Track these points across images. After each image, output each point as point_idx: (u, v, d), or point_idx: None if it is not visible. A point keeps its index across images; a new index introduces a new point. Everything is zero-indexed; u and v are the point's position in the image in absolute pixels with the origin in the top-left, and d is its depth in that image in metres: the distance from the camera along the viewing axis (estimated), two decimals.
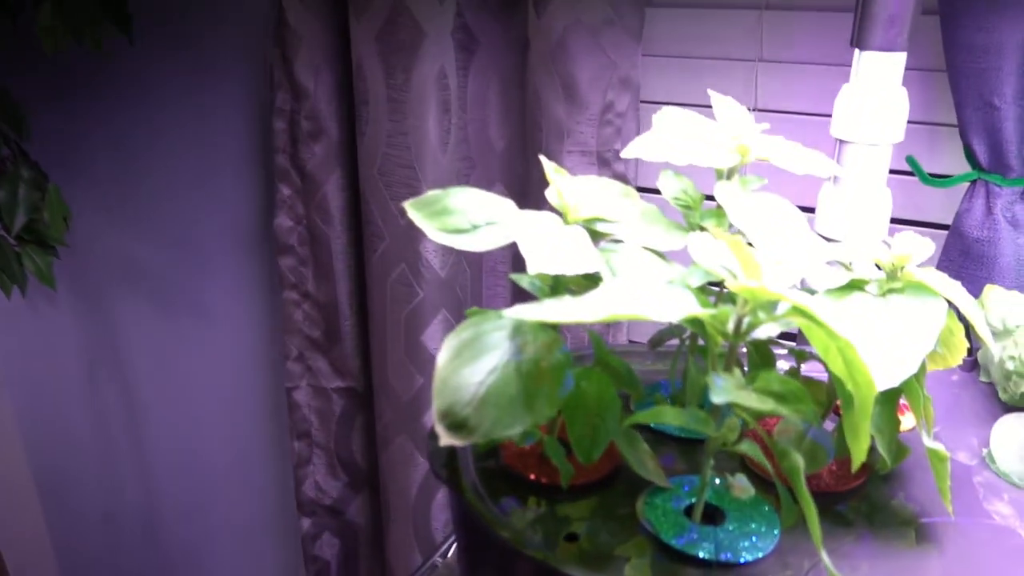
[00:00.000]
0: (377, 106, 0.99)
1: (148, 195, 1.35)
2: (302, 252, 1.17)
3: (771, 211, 0.44)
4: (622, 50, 0.90)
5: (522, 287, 0.44)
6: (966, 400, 0.56)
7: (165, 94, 1.26)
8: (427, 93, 0.95)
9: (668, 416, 0.39)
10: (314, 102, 1.06)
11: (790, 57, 0.89)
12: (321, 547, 1.37)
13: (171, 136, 1.29)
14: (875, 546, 0.42)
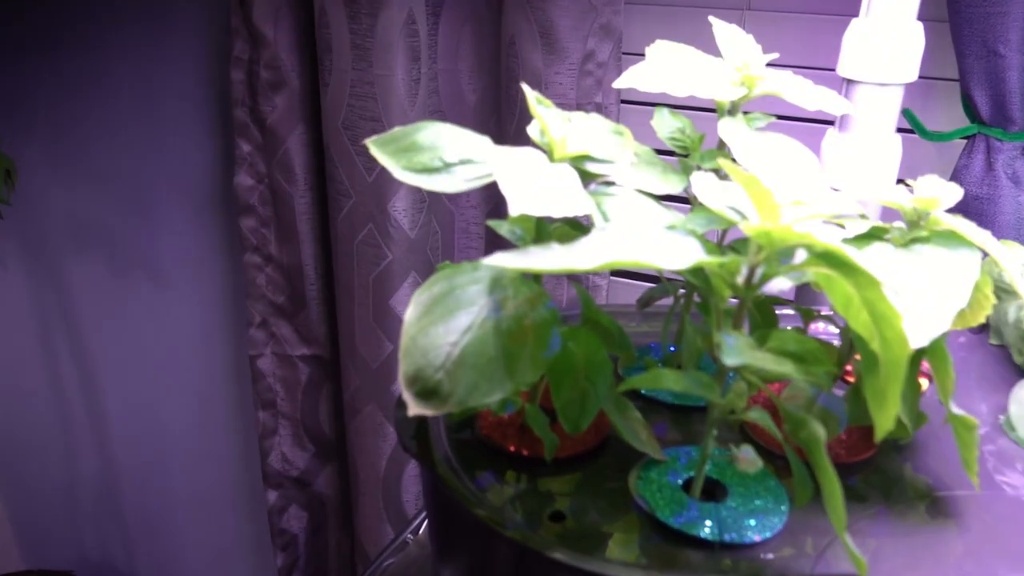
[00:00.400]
0: (341, 54, 0.92)
1: (99, 151, 1.27)
2: (263, 212, 1.11)
3: (781, 151, 0.39)
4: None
5: (500, 242, 0.39)
6: (975, 364, 0.53)
7: (115, 42, 1.18)
8: (394, 39, 0.89)
9: (668, 380, 0.35)
10: (274, 50, 0.99)
11: (780, 6, 0.84)
12: (288, 520, 1.32)
13: (123, 88, 1.21)
14: (892, 522, 0.38)
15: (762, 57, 0.42)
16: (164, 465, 1.52)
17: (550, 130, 0.37)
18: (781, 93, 0.41)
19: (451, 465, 0.40)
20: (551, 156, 0.38)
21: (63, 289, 1.41)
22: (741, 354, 0.30)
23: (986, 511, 0.39)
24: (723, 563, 0.35)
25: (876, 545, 0.37)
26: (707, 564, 0.35)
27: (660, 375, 0.35)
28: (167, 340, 1.39)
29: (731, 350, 0.30)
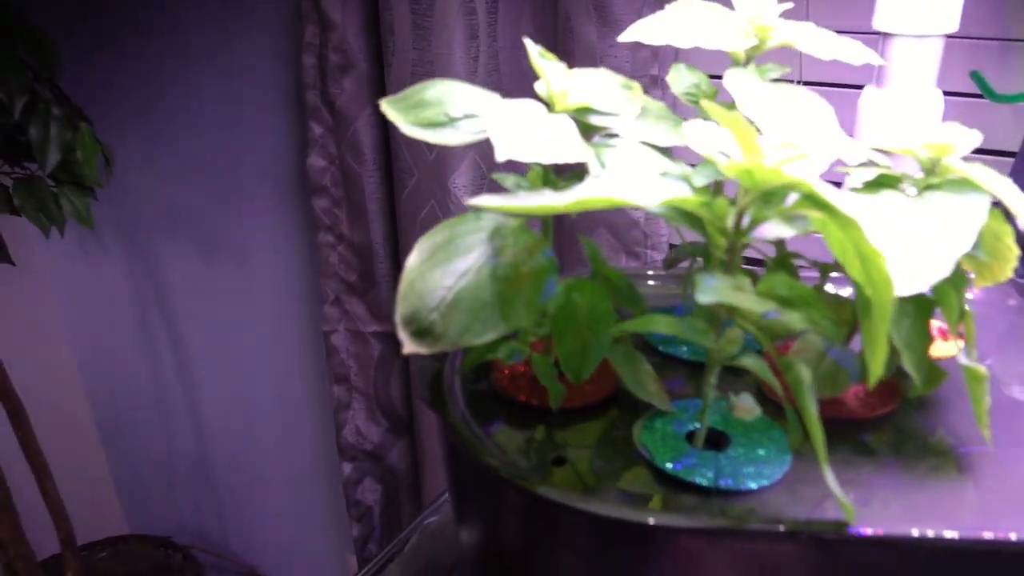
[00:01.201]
0: (403, 35, 0.95)
1: (186, 138, 1.34)
2: (335, 193, 1.15)
3: (790, 101, 0.38)
4: None
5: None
6: (1020, 326, 0.50)
7: (199, 34, 1.24)
8: (451, 18, 0.91)
9: (660, 324, 0.35)
10: (342, 34, 1.03)
11: None
12: (363, 492, 1.37)
13: (206, 77, 1.27)
14: (899, 476, 0.38)
15: (776, 7, 0.41)
16: (252, 439, 1.60)
17: (550, 82, 0.38)
18: (795, 43, 0.40)
19: (462, 413, 0.42)
20: (552, 108, 0.38)
21: (157, 271, 1.51)
22: (716, 292, 0.31)
23: (999, 466, 0.38)
24: (714, 506, 0.35)
25: (875, 494, 0.36)
26: (699, 507, 0.36)
27: (652, 319, 0.35)
28: (252, 318, 1.46)
29: (707, 288, 0.31)
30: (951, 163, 0.36)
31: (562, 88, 0.38)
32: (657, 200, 0.30)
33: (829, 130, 0.38)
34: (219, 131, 1.31)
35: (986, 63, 0.73)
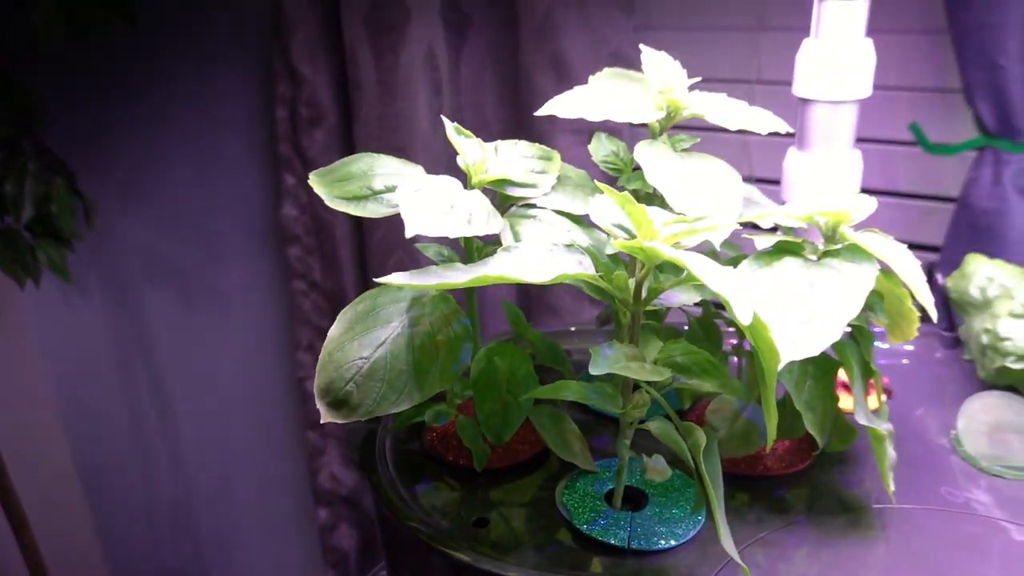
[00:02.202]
0: (369, 90, 0.97)
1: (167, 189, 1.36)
2: (308, 241, 1.17)
3: (697, 172, 0.40)
4: (612, 24, 0.86)
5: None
6: (948, 379, 0.52)
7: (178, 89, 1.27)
8: (415, 74, 0.93)
9: (568, 390, 0.36)
10: (312, 88, 1.05)
11: (795, 24, 0.84)
12: (339, 538, 1.36)
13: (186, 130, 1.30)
14: (810, 534, 0.39)
15: (686, 81, 0.43)
16: (230, 484, 1.60)
17: (465, 157, 0.40)
18: (704, 115, 0.42)
19: (389, 475, 0.43)
20: (469, 182, 0.40)
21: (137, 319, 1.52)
22: (609, 363, 0.32)
23: (908, 523, 0.39)
24: (624, 567, 0.36)
25: (785, 553, 0.37)
26: (611, 568, 0.37)
27: (562, 385, 0.37)
28: (229, 364, 1.47)
29: (600, 360, 0.32)
30: (846, 231, 0.38)
31: (476, 162, 0.39)
32: (547, 277, 0.31)
33: (732, 199, 0.40)
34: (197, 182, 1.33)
35: (929, 113, 0.76)
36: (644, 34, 0.93)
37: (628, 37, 0.89)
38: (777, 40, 0.84)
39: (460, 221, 0.36)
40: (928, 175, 0.78)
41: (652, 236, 0.33)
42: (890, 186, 0.83)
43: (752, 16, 0.86)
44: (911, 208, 0.81)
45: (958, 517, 0.39)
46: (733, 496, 0.41)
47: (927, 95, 0.76)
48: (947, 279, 0.54)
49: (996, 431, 0.43)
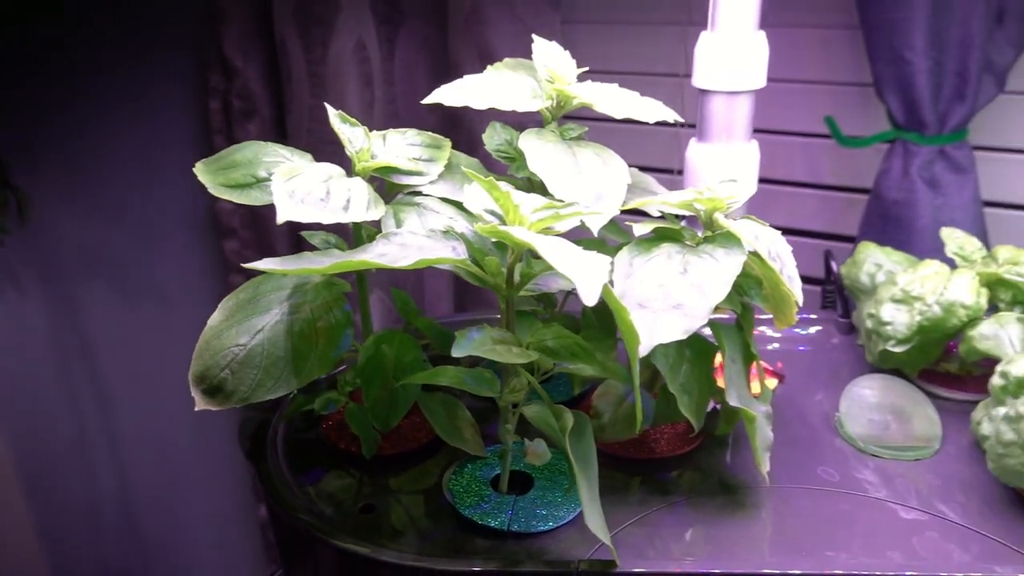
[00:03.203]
0: (300, 82, 0.96)
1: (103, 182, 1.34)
2: (245, 235, 1.16)
3: (582, 161, 0.41)
4: (540, 17, 0.87)
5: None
6: (841, 363, 0.53)
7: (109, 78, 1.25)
8: (345, 66, 0.93)
9: (447, 376, 0.37)
10: (244, 80, 1.04)
11: None
12: None
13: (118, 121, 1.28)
14: (690, 513, 0.39)
15: (574, 71, 0.44)
16: (174, 480, 1.58)
17: (350, 144, 0.40)
18: (592, 104, 0.43)
19: (277, 463, 0.43)
20: (353, 169, 0.40)
21: (75, 312, 1.49)
22: (471, 347, 0.32)
23: (783, 502, 0.40)
24: (503, 550, 0.37)
25: (660, 533, 0.38)
26: (488, 551, 0.37)
27: (440, 371, 0.37)
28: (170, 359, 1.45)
29: (462, 343, 0.32)
30: (720, 218, 0.38)
31: (359, 150, 0.40)
32: (407, 263, 0.31)
33: (616, 186, 0.40)
34: (133, 175, 1.31)
35: (849, 108, 0.77)
36: (573, 27, 0.94)
37: (556, 30, 0.90)
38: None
39: (336, 208, 0.36)
40: (850, 168, 0.80)
41: (519, 221, 0.34)
42: (814, 179, 0.84)
43: (680, 11, 0.87)
44: (834, 200, 0.83)
45: (831, 495, 0.40)
46: (618, 478, 0.42)
47: (847, 89, 0.78)
48: (841, 267, 0.55)
49: (876, 413, 0.45)
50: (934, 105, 0.68)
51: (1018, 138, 0.73)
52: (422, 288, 1.07)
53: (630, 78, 0.91)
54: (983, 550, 0.37)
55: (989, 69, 0.68)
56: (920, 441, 0.44)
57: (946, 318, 0.44)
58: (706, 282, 0.36)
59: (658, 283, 0.37)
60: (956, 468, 0.42)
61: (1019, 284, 0.45)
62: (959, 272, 0.46)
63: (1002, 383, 0.38)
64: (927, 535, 0.38)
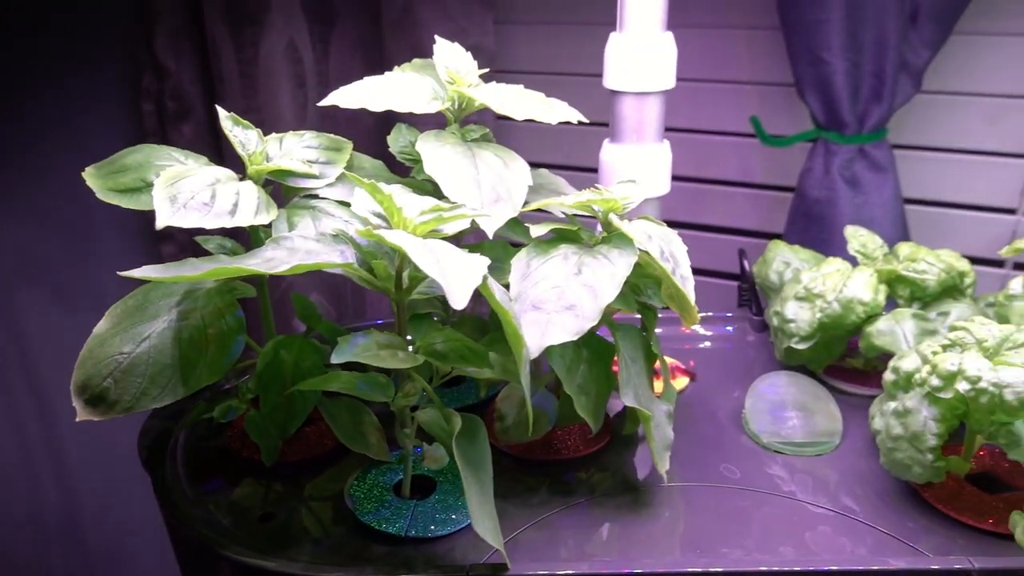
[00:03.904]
0: (231, 83, 0.95)
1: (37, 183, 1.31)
2: (182, 238, 1.14)
3: (481, 161, 0.41)
4: (472, 17, 0.86)
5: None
6: (754, 361, 0.54)
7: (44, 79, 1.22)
8: (276, 67, 0.92)
9: (340, 381, 0.36)
10: (177, 81, 1.02)
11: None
12: None
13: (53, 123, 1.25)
14: (590, 513, 0.39)
15: (475, 72, 0.44)
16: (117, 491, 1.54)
17: (238, 147, 0.39)
18: (491, 105, 0.43)
19: (175, 472, 0.42)
20: (246, 172, 0.40)
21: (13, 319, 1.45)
22: (352, 353, 0.32)
23: (682, 500, 0.40)
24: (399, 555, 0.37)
25: (559, 534, 0.38)
26: (385, 557, 0.37)
27: (333, 376, 0.36)
28: None
29: (343, 349, 0.32)
30: (613, 219, 0.39)
31: (253, 152, 0.39)
32: (283, 268, 0.31)
33: (517, 188, 0.40)
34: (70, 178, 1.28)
35: (778, 108, 0.78)
36: (508, 28, 0.94)
37: (489, 30, 0.90)
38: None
39: (221, 213, 0.35)
40: (781, 167, 0.80)
41: (402, 224, 0.33)
42: (746, 178, 0.85)
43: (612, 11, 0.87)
44: (765, 199, 0.84)
45: (730, 492, 0.41)
46: (523, 480, 0.42)
47: (777, 89, 0.79)
48: (753, 265, 0.55)
49: (779, 410, 0.45)
50: (853, 105, 0.69)
51: (937, 137, 0.75)
52: (363, 289, 1.06)
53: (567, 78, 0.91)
54: (875, 543, 0.37)
55: (905, 69, 0.69)
56: (821, 436, 0.44)
57: (845, 315, 0.45)
58: (597, 282, 0.36)
59: (553, 284, 0.37)
60: (855, 462, 0.43)
61: (916, 280, 0.46)
62: (859, 270, 0.47)
63: (893, 378, 0.39)
64: (820, 529, 0.38)
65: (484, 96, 0.43)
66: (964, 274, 0.46)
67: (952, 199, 0.76)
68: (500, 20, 0.93)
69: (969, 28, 0.70)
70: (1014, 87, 0.71)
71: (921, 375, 0.37)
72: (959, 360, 0.35)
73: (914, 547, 0.37)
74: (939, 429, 0.36)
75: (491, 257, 0.42)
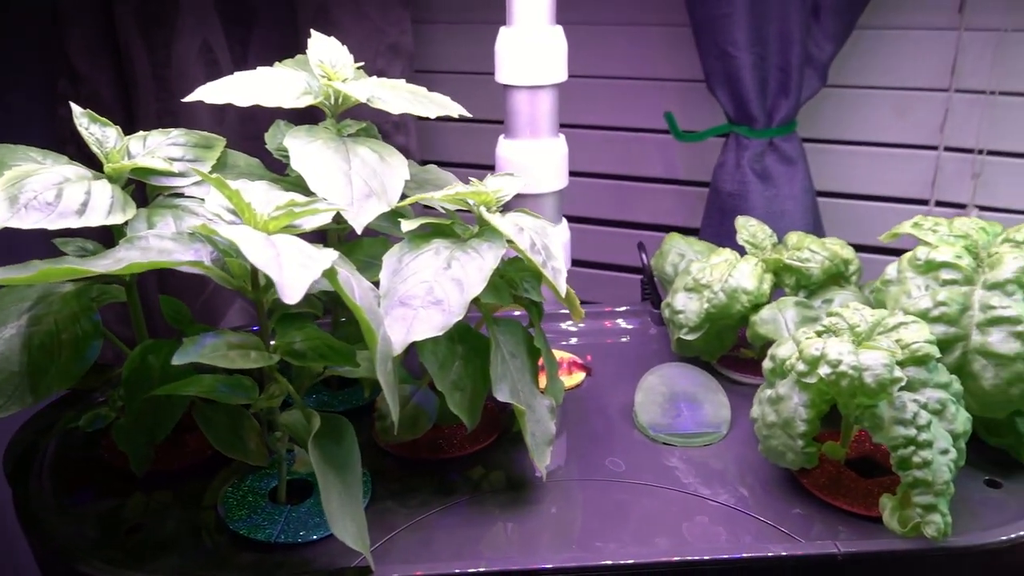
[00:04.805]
0: (146, 86, 0.93)
1: None
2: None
3: (355, 157, 0.40)
4: (389, 15, 0.85)
5: None
6: (655, 353, 0.53)
7: None
8: (190, 69, 0.90)
9: (200, 385, 0.35)
10: (93, 86, 1.00)
11: (573, 18, 0.85)
12: None
13: None
14: (469, 512, 0.39)
15: (351, 67, 0.43)
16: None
17: (92, 146, 0.38)
18: (359, 98, 0.42)
19: (40, 484, 0.40)
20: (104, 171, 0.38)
21: None
22: (196, 354, 0.31)
23: (564, 495, 0.40)
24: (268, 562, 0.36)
25: (435, 535, 0.37)
26: (254, 564, 0.36)
27: (192, 380, 0.35)
28: None
29: (187, 350, 0.31)
30: (484, 213, 0.38)
31: (111, 150, 0.38)
32: (118, 268, 0.30)
33: (393, 183, 0.40)
34: None
35: (695, 104, 0.78)
36: (426, 27, 0.93)
37: (406, 28, 0.89)
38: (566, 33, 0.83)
39: (67, 213, 0.34)
40: (704, 163, 0.80)
41: (252, 220, 0.32)
42: (669, 174, 0.85)
43: None
44: (689, 194, 0.84)
45: (613, 486, 0.40)
46: (406, 481, 0.41)
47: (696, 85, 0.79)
48: (652, 258, 0.55)
49: (668, 401, 0.45)
50: (761, 99, 0.70)
51: (848, 130, 0.76)
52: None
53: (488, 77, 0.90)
54: (751, 531, 0.37)
55: (810, 63, 0.70)
56: (710, 427, 0.44)
57: (730, 304, 0.45)
58: (465, 276, 0.35)
59: (422, 279, 0.36)
60: (742, 452, 0.43)
61: (801, 269, 0.46)
62: (744, 259, 0.47)
63: (771, 365, 0.39)
64: (698, 520, 0.38)
65: (355, 91, 0.42)
66: (848, 261, 0.46)
67: (866, 191, 0.77)
68: (419, 19, 0.92)
69: (873, 22, 0.71)
70: (919, 80, 0.72)
71: (791, 361, 0.37)
72: (823, 345, 0.35)
73: (788, 534, 0.37)
74: (808, 415, 0.36)
75: (371, 254, 0.42)
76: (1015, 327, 0.37)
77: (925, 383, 0.35)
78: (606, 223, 0.87)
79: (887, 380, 0.33)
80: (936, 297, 0.38)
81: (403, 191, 0.40)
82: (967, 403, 0.38)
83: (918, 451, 0.33)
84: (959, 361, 0.38)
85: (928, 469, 0.33)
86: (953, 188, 0.74)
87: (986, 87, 0.70)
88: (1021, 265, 0.38)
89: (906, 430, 0.34)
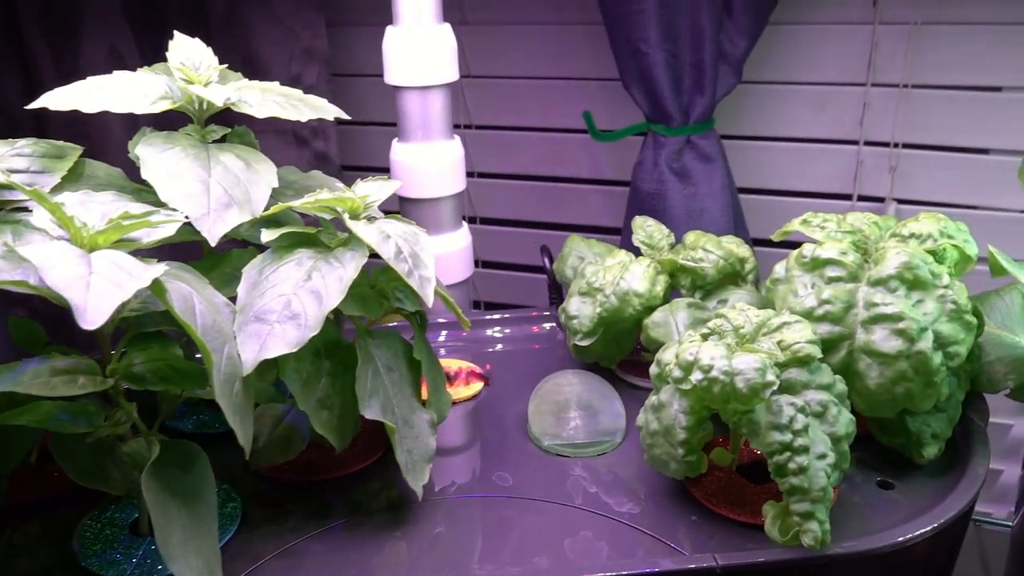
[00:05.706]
0: None
1: None
2: None
3: (211, 164, 0.38)
4: (302, 19, 0.83)
5: None
6: (561, 360, 0.52)
7: None
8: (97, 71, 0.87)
9: (37, 413, 0.33)
10: (5, 95, 0.96)
11: (495, 18, 0.83)
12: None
13: None
14: (343, 536, 0.37)
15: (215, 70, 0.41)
16: None
17: None
18: (218, 103, 0.40)
19: None
20: None
21: None
22: (12, 383, 0.29)
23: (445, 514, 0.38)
24: None
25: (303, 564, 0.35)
26: None
27: (30, 408, 0.33)
28: None
29: (3, 378, 0.29)
30: (347, 220, 0.36)
31: None
32: None
33: (259, 191, 0.38)
34: None
35: (617, 103, 0.77)
36: (343, 30, 0.91)
37: (321, 33, 0.86)
38: (479, 34, 0.82)
39: None
40: (630, 163, 0.79)
41: (77, 237, 0.30)
42: (595, 174, 0.84)
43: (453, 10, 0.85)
44: (617, 195, 0.83)
45: (496, 503, 0.39)
46: (278, 505, 0.39)
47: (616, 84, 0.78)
48: (555, 262, 0.54)
49: (562, 410, 0.43)
50: (676, 96, 0.69)
51: (768, 126, 0.75)
52: None
53: None
54: (635, 544, 0.36)
55: (724, 59, 0.69)
56: (603, 436, 0.42)
57: (622, 308, 0.44)
58: (324, 287, 0.33)
59: (280, 292, 0.34)
60: (636, 461, 0.42)
61: (695, 269, 0.45)
62: (637, 261, 0.46)
63: (656, 371, 0.38)
64: (582, 535, 0.36)
65: (213, 95, 0.40)
66: (744, 260, 0.45)
67: (790, 187, 0.76)
68: (335, 22, 0.89)
69: (789, 18, 0.70)
70: (838, 75, 0.72)
71: (670, 367, 0.35)
72: (696, 349, 0.34)
73: (674, 547, 0.35)
74: (688, 422, 0.35)
75: (238, 266, 0.40)
76: (897, 324, 0.36)
77: (807, 385, 0.34)
78: (535, 225, 0.86)
79: (759, 385, 0.32)
80: (821, 295, 0.37)
81: (280, 199, 0.38)
82: (856, 403, 0.37)
83: (794, 457, 0.32)
84: (845, 360, 0.37)
85: (804, 475, 0.32)
86: (873, 182, 0.74)
87: (900, 81, 0.70)
88: (904, 260, 0.37)
89: (782, 435, 0.32)
